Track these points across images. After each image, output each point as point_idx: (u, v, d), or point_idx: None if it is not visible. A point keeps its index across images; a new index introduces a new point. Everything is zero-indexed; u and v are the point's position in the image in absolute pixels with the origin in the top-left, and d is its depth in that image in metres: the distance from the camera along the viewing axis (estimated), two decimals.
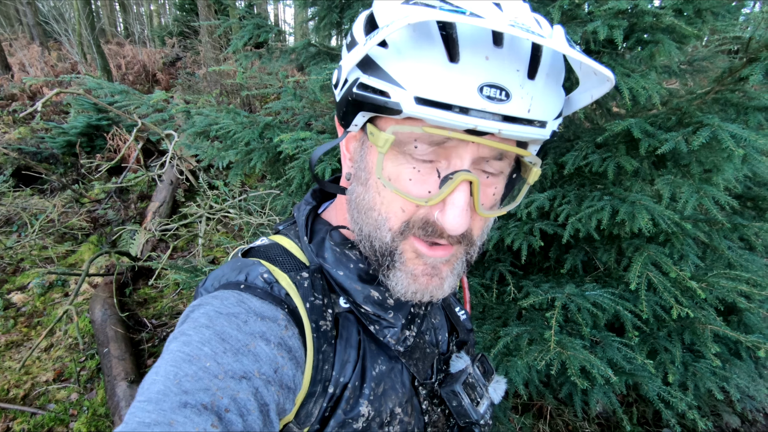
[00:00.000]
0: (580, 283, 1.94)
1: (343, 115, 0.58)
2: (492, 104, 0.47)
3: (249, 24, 2.61)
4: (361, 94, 0.52)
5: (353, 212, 0.62)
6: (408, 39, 0.48)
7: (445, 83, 0.46)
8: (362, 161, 0.60)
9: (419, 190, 0.54)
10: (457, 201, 0.52)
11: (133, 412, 0.43)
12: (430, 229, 0.55)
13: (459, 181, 0.51)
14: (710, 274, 1.72)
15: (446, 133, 0.49)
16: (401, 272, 0.58)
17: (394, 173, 0.54)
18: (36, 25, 11.85)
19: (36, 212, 4.66)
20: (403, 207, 0.55)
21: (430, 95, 0.47)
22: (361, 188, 0.60)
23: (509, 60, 0.47)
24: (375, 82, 0.50)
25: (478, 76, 0.46)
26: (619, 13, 1.71)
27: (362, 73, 0.52)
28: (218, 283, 0.61)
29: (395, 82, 0.48)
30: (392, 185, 0.54)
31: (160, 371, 0.46)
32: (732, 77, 1.51)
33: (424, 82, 0.47)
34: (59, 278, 3.84)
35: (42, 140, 6.06)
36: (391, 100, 0.49)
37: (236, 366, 0.48)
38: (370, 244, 0.60)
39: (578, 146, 1.94)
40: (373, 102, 0.50)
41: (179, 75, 10.09)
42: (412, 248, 0.57)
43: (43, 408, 2.69)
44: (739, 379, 1.86)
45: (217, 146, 2.56)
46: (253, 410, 0.46)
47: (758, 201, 2.28)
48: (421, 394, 0.71)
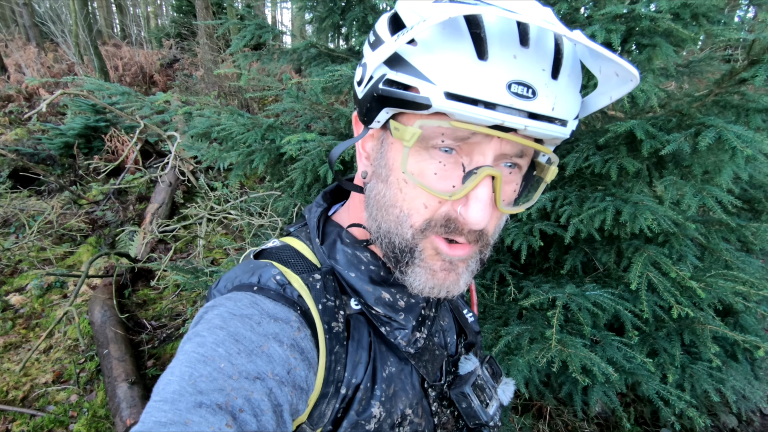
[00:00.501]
0: (580, 283, 1.95)
1: (366, 112, 0.58)
2: (519, 101, 0.48)
3: (251, 24, 2.62)
4: (387, 90, 0.52)
5: (372, 210, 0.62)
6: (438, 36, 0.49)
7: (475, 79, 0.47)
8: (382, 158, 0.60)
9: (443, 185, 0.54)
10: (480, 195, 0.53)
11: (149, 411, 0.43)
12: (452, 225, 0.56)
13: (483, 176, 0.52)
14: (708, 274, 1.74)
15: (473, 128, 0.50)
16: (420, 268, 0.59)
17: (417, 169, 0.55)
18: (32, 26, 11.80)
19: (34, 213, 4.64)
20: (426, 203, 0.56)
21: (460, 90, 0.48)
22: (382, 185, 0.60)
23: (536, 59, 0.49)
24: (403, 77, 0.51)
25: (507, 73, 0.48)
26: (616, 17, 1.73)
27: (389, 69, 0.52)
28: (231, 284, 0.62)
29: (425, 77, 0.49)
30: (417, 179, 0.54)
31: (175, 372, 0.47)
32: (732, 80, 1.54)
33: (454, 78, 0.48)
34: (58, 280, 3.83)
35: (39, 141, 6.03)
36: (420, 95, 0.49)
37: (250, 367, 0.49)
38: (389, 241, 0.60)
39: (579, 148, 1.96)
40: (401, 97, 0.51)
41: (177, 76, 10.09)
42: (432, 246, 0.58)
43: (43, 410, 2.68)
44: (735, 381, 1.88)
45: (218, 147, 2.57)
46: (266, 410, 0.47)
47: (754, 203, 2.31)
48: (431, 396, 0.71)
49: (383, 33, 0.56)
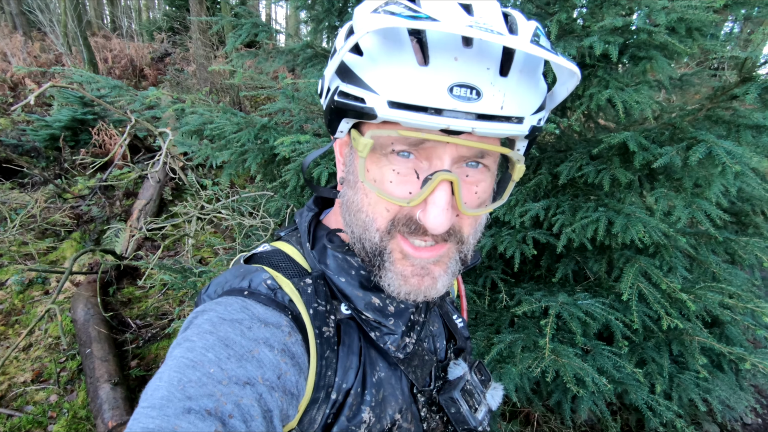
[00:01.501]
0: (571, 292, 1.97)
1: (329, 123, 0.59)
2: (463, 103, 0.48)
3: (247, 23, 2.58)
4: (341, 102, 0.53)
5: (345, 215, 0.63)
6: (379, 45, 0.50)
7: (416, 86, 0.48)
8: (351, 165, 0.61)
9: (400, 191, 0.55)
10: (438, 200, 0.53)
11: (137, 418, 0.43)
12: (413, 226, 0.56)
13: (438, 181, 0.52)
14: (698, 286, 1.76)
15: (420, 135, 0.50)
16: (391, 272, 0.59)
17: (378, 175, 0.56)
18: (20, 14, 11.53)
19: (16, 206, 4.52)
20: (387, 207, 0.57)
21: (402, 98, 0.48)
22: (351, 191, 0.61)
23: (478, 59, 0.48)
24: (352, 89, 0.52)
25: (448, 77, 0.47)
26: (614, 29, 1.75)
27: (341, 82, 0.53)
28: (221, 289, 0.62)
29: (369, 88, 0.50)
30: (376, 187, 0.55)
31: (164, 377, 0.46)
32: (724, 95, 1.56)
33: (396, 86, 0.48)
34: (39, 275, 3.73)
35: (23, 132, 5.89)
36: (366, 105, 0.50)
37: (240, 372, 0.49)
38: (362, 246, 0.61)
39: (573, 157, 1.97)
40: (353, 108, 0.52)
41: (168, 71, 9.94)
42: (399, 248, 0.58)
43: (21, 410, 2.61)
44: (721, 391, 1.91)
45: (210, 145, 2.53)
46: (256, 416, 0.46)
47: (741, 216, 2.35)
48: (420, 401, 0.71)
49: (339, 44, 0.57)
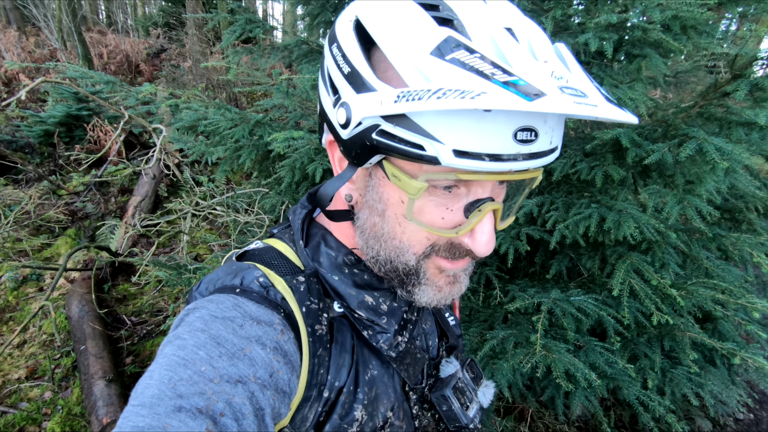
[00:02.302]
0: (564, 288, 1.98)
1: (355, 155, 0.54)
2: (524, 147, 0.47)
3: (241, 19, 2.57)
4: (384, 142, 0.48)
5: (368, 239, 0.61)
6: None
7: (482, 133, 0.46)
8: (374, 191, 0.58)
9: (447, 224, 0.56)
10: (486, 228, 0.54)
11: (127, 416, 0.42)
12: (455, 251, 0.58)
13: (487, 212, 0.54)
14: (689, 282, 1.78)
15: (481, 177, 0.50)
16: (426, 287, 0.61)
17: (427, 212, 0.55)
18: (13, 9, 11.44)
19: (10, 203, 4.50)
20: (428, 236, 0.57)
21: (469, 147, 0.46)
22: (378, 218, 0.59)
23: None
24: (404, 133, 0.47)
25: (514, 123, 0.46)
26: (609, 26, 1.75)
27: (384, 122, 0.48)
28: (213, 286, 0.61)
29: (431, 136, 0.46)
30: (423, 224, 0.55)
31: (155, 375, 0.46)
32: (716, 92, 1.57)
33: (462, 135, 0.46)
34: (34, 272, 3.72)
35: (17, 128, 5.85)
36: (426, 154, 0.46)
37: (232, 370, 0.48)
38: (392, 267, 0.61)
39: (566, 154, 1.98)
40: (402, 152, 0.48)
41: (164, 67, 9.89)
42: (435, 265, 0.60)
43: (15, 406, 2.60)
44: (713, 386, 1.93)
45: (204, 141, 2.52)
46: (248, 414, 0.46)
47: (735, 213, 2.37)
48: (412, 399, 0.71)
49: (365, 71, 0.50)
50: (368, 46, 0.53)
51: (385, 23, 0.50)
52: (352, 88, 0.51)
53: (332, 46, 0.55)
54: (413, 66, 0.46)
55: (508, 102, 0.39)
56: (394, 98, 0.45)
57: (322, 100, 0.59)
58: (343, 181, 0.59)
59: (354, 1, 0.58)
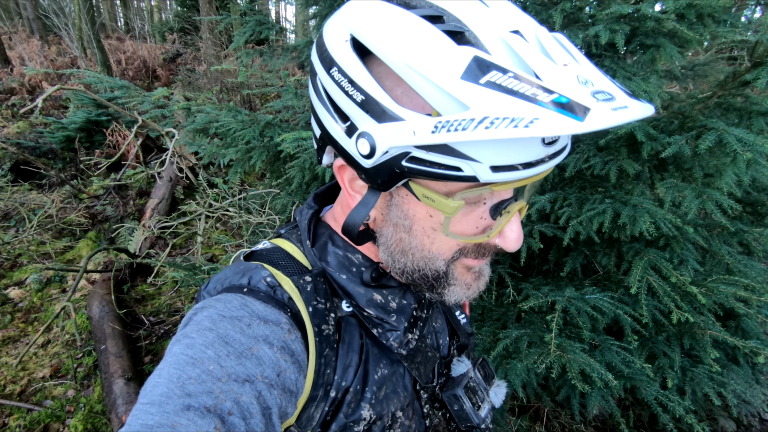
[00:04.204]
0: (579, 286, 1.94)
1: (381, 182, 0.53)
2: (549, 149, 0.48)
3: (251, 21, 2.60)
4: (417, 168, 0.48)
5: (394, 254, 0.61)
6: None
7: (517, 147, 0.46)
8: (398, 210, 0.58)
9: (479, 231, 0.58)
10: (515, 227, 0.56)
11: (136, 414, 0.43)
12: (483, 251, 0.60)
13: (515, 212, 0.56)
14: (709, 279, 1.72)
15: (513, 185, 0.51)
16: (455, 287, 0.62)
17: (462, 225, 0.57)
18: (36, 19, 11.80)
19: (34, 207, 4.64)
20: (458, 243, 0.58)
21: (505, 161, 0.46)
22: (404, 234, 0.59)
23: None
24: (439, 158, 0.46)
25: None
26: (621, 17, 1.70)
27: (416, 150, 0.47)
28: (221, 286, 0.62)
29: (467, 157, 0.45)
30: (458, 236, 0.56)
31: (163, 374, 0.46)
32: (735, 82, 1.51)
33: (499, 152, 0.46)
34: (57, 274, 3.83)
35: (41, 135, 6.03)
36: (465, 174, 0.46)
37: (239, 369, 0.49)
38: (421, 275, 0.61)
39: (579, 149, 1.94)
40: (437, 176, 0.47)
41: (179, 71, 10.07)
42: (462, 265, 0.61)
43: (40, 404, 2.68)
44: (736, 385, 1.86)
45: (217, 143, 2.56)
46: (255, 413, 0.46)
47: (757, 206, 2.28)
48: (423, 398, 0.71)
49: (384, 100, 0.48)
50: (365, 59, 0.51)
51: (393, 43, 0.47)
52: (371, 118, 0.49)
53: (331, 70, 0.52)
54: (443, 92, 0.44)
55: (565, 127, 0.39)
56: (431, 128, 0.43)
57: (325, 124, 0.56)
58: (369, 208, 0.57)
59: (336, 16, 0.54)
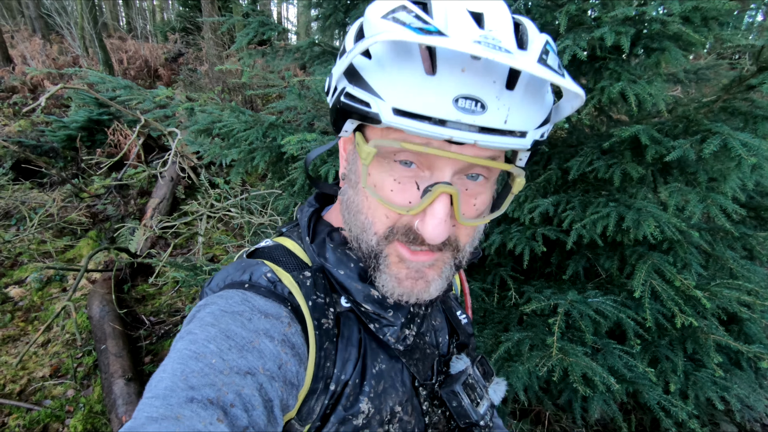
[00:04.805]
0: (581, 289, 1.93)
1: (333, 122, 0.59)
2: (467, 115, 0.47)
3: (254, 21, 2.60)
4: (346, 103, 0.53)
5: (344, 213, 0.64)
6: (388, 52, 0.50)
7: (422, 95, 0.47)
8: (354, 164, 0.62)
9: (400, 199, 0.56)
10: (436, 212, 0.53)
11: (141, 408, 0.44)
12: (411, 236, 0.57)
13: (438, 194, 0.53)
14: (713, 283, 1.71)
15: (423, 149, 0.50)
16: (386, 275, 0.61)
17: (378, 181, 0.57)
18: (38, 18, 11.81)
19: (35, 206, 4.64)
20: (387, 214, 0.58)
21: (407, 107, 0.48)
22: (352, 191, 0.62)
23: (486, 72, 0.48)
24: (358, 92, 0.51)
25: (454, 88, 0.47)
26: (626, 19, 1.70)
27: (348, 83, 0.52)
28: (223, 282, 0.63)
29: (375, 93, 0.49)
30: (377, 194, 0.56)
31: (167, 368, 0.48)
32: (741, 86, 1.51)
33: (402, 94, 0.48)
34: (57, 273, 3.82)
35: (42, 133, 6.03)
36: (371, 110, 0.50)
37: (241, 362, 0.50)
38: (359, 245, 0.62)
39: (583, 152, 1.93)
40: (357, 111, 0.51)
41: (181, 71, 10.07)
42: (396, 252, 0.60)
43: (39, 404, 2.68)
44: (739, 389, 1.85)
45: (219, 144, 2.55)
46: (257, 405, 0.48)
47: (760, 211, 2.28)
48: (422, 395, 0.72)
49: (348, 44, 0.56)
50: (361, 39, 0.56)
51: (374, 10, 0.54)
52: (338, 59, 0.56)
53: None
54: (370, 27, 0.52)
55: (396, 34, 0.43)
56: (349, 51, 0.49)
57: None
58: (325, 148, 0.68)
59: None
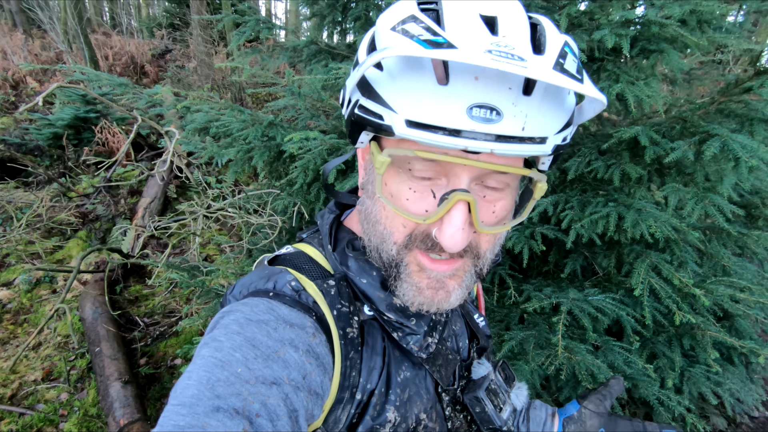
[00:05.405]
0: (579, 287, 1.96)
1: (349, 133, 0.59)
2: (482, 124, 0.46)
3: (251, 20, 2.57)
4: (360, 116, 0.53)
5: (363, 223, 0.64)
6: (399, 64, 0.49)
7: (435, 105, 0.47)
8: (371, 174, 0.61)
9: (417, 208, 0.55)
10: (454, 220, 0.52)
11: (167, 415, 0.44)
12: (430, 243, 0.56)
13: (454, 202, 0.52)
14: (709, 281, 1.76)
15: (437, 156, 0.50)
16: (407, 284, 0.60)
17: (395, 190, 0.56)
18: (19, 12, 11.49)
19: (22, 206, 4.53)
20: (404, 223, 0.57)
21: (420, 118, 0.47)
22: (370, 201, 0.61)
23: (501, 79, 0.47)
24: (371, 104, 0.51)
25: (467, 97, 0.46)
26: (626, 22, 1.73)
27: (361, 95, 0.52)
28: (247, 290, 0.62)
29: (388, 106, 0.49)
30: (392, 203, 0.55)
31: (193, 376, 0.47)
32: (738, 88, 1.55)
33: (415, 105, 0.47)
34: (47, 274, 3.75)
35: (26, 131, 5.88)
36: (384, 123, 0.49)
37: (266, 372, 0.49)
38: (379, 256, 0.61)
39: (581, 152, 1.96)
40: (371, 123, 0.51)
41: (168, 68, 9.91)
42: (416, 261, 0.59)
43: (32, 408, 2.63)
44: (731, 384, 1.91)
45: (214, 143, 2.52)
46: (282, 416, 0.47)
47: (751, 209, 2.34)
48: (444, 401, 0.72)
49: (361, 55, 0.56)
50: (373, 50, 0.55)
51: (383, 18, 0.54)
52: (352, 71, 0.55)
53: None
54: (381, 39, 0.51)
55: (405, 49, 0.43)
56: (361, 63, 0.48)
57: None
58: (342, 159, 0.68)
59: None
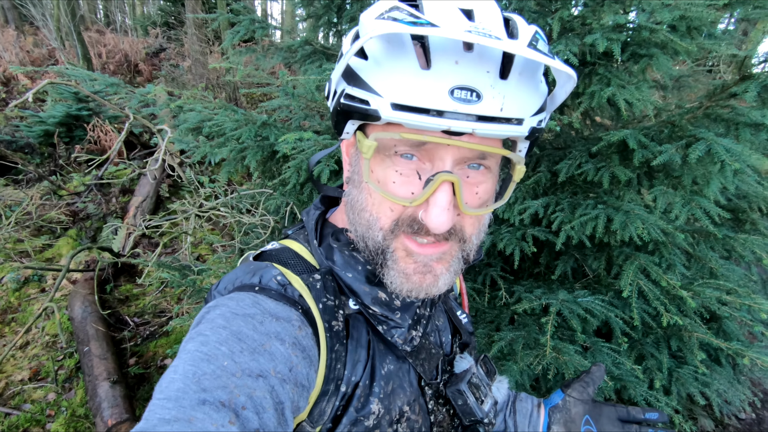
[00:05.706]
0: (570, 289, 1.98)
1: (335, 124, 0.61)
2: (463, 105, 0.49)
3: (245, 19, 2.56)
4: (346, 104, 0.55)
5: (349, 213, 0.65)
6: (383, 50, 0.52)
7: (418, 88, 0.50)
8: (357, 165, 0.63)
9: (403, 191, 0.57)
10: (439, 201, 0.54)
11: (153, 409, 0.44)
12: (416, 226, 0.58)
13: (439, 182, 0.54)
14: (696, 283, 1.78)
15: (422, 137, 0.52)
16: (394, 271, 0.61)
17: (381, 176, 0.58)
18: (11, 8, 11.38)
19: (11, 203, 4.48)
20: (391, 207, 0.59)
21: (405, 101, 0.50)
22: (356, 191, 0.63)
23: (479, 62, 0.50)
24: (357, 92, 0.53)
25: (449, 80, 0.49)
26: (618, 26, 1.75)
27: (347, 84, 0.55)
28: (232, 285, 0.63)
29: (374, 91, 0.52)
30: (379, 188, 0.57)
31: (179, 370, 0.48)
32: (724, 93, 1.57)
33: (399, 89, 0.50)
34: (35, 273, 3.70)
35: (17, 128, 5.83)
36: (371, 107, 0.52)
37: (253, 365, 0.50)
38: (365, 244, 0.63)
39: (572, 155, 1.98)
40: (358, 111, 0.54)
41: (163, 66, 9.86)
42: (403, 246, 0.60)
43: (19, 408, 2.59)
44: (719, 385, 1.93)
45: (207, 142, 2.51)
46: (268, 408, 0.48)
47: (738, 212, 2.37)
48: (427, 394, 0.73)
49: (345, 48, 0.59)
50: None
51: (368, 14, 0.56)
52: (337, 64, 0.57)
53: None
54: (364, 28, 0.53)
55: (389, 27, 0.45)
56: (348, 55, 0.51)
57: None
58: (328, 151, 0.71)
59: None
